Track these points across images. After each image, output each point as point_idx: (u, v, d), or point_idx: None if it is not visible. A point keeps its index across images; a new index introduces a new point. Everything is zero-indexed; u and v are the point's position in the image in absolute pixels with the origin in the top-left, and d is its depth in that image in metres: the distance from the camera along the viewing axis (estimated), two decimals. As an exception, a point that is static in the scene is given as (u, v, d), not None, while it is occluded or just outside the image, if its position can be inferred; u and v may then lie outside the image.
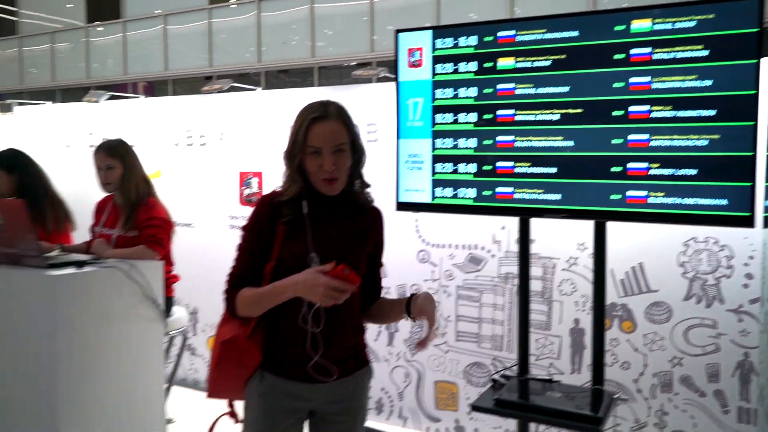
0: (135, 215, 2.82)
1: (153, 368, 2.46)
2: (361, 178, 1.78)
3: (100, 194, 3.03)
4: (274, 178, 3.63)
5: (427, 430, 3.37)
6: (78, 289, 2.12)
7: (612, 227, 2.43)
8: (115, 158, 2.83)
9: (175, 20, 11.92)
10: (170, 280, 2.99)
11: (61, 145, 4.55)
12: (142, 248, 2.66)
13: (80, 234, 3.20)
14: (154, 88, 12.89)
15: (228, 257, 1.78)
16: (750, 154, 1.96)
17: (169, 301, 2.97)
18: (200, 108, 4.07)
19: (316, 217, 1.71)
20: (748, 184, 1.97)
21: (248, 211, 3.88)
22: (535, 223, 2.48)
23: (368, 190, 1.81)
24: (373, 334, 3.47)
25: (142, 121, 4.22)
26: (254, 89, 4.10)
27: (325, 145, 1.64)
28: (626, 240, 2.80)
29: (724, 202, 2.01)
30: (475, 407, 2.20)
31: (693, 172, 2.04)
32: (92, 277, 2.20)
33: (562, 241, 2.97)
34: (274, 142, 3.67)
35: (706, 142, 2.02)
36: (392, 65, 2.59)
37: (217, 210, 3.98)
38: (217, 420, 1.83)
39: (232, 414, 1.83)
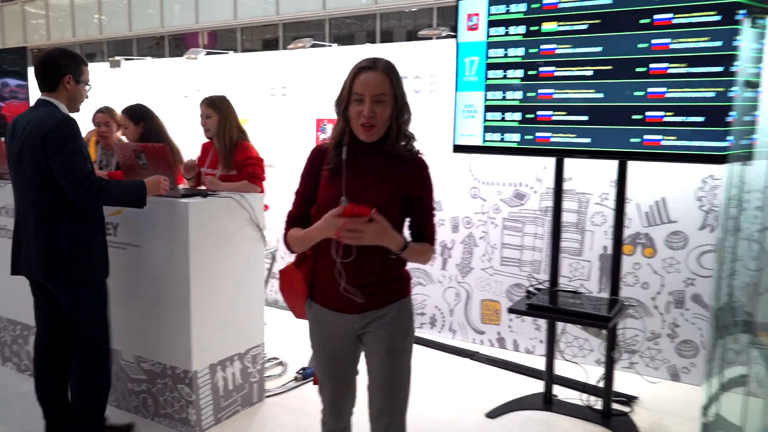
0: (233, 156, 3.37)
1: (257, 279, 3.06)
2: (402, 131, 1.82)
3: (203, 139, 3.63)
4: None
5: (473, 341, 3.96)
6: (205, 213, 2.70)
7: (640, 168, 2.87)
8: (213, 109, 3.38)
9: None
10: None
11: (167, 97, 5.20)
12: (246, 183, 3.24)
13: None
14: (217, 37, 13.36)
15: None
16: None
17: (262, 226, 3.57)
18: (283, 62, 4.61)
19: (355, 163, 1.80)
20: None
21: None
22: (573, 163, 2.93)
23: (414, 143, 1.87)
24: (430, 259, 4.03)
25: (233, 75, 4.81)
26: (330, 45, 4.60)
27: (366, 92, 1.74)
28: (651, 178, 3.24)
29: (725, 143, 2.43)
30: (511, 310, 2.75)
31: (701, 119, 2.45)
32: (214, 204, 2.78)
33: (595, 178, 3.42)
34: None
35: (713, 94, 2.43)
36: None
37: (297, 153, 4.54)
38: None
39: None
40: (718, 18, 2.40)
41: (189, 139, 3.97)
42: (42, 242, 2.39)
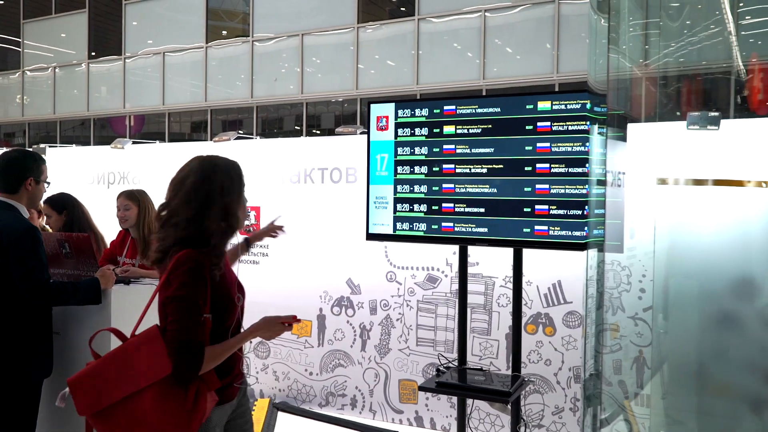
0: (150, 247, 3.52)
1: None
2: None
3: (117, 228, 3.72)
4: (269, 211, 4.38)
5: (392, 420, 4.08)
6: (127, 299, 2.78)
7: (538, 254, 3.18)
8: (132, 201, 3.55)
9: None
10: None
11: (91, 184, 5.26)
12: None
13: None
14: (145, 120, 13.50)
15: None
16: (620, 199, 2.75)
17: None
18: (208, 153, 4.81)
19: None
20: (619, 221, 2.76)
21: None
22: (479, 250, 3.20)
23: None
24: (349, 341, 4.19)
25: (159, 163, 4.96)
26: (254, 138, 4.86)
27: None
28: (548, 263, 3.57)
29: (584, 233, 2.78)
30: (422, 387, 2.93)
31: (579, 212, 2.81)
32: (136, 290, 2.89)
33: (500, 263, 3.73)
34: (269, 181, 4.43)
35: (586, 190, 2.80)
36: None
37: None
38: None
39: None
40: (586, 126, 2.81)
41: (114, 225, 4.06)
42: None
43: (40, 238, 2.48)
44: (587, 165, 2.76)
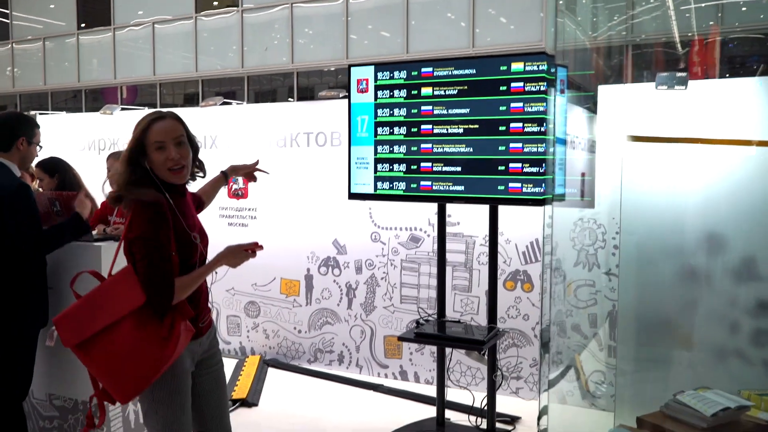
0: None
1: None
2: (202, 167, 2.12)
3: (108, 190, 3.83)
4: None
5: (378, 375, 4.25)
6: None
7: (516, 213, 3.30)
8: None
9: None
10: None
11: (82, 150, 5.35)
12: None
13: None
14: (137, 91, 13.51)
15: (217, 244, 2.16)
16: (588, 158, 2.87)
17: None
18: (195, 118, 4.90)
19: (177, 206, 1.97)
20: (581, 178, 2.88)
21: (237, 203, 4.75)
22: (459, 209, 3.31)
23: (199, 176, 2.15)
24: (336, 299, 4.34)
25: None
26: (240, 103, 4.94)
27: (167, 138, 1.92)
28: (526, 222, 3.70)
29: (573, 190, 2.90)
30: (401, 338, 3.08)
31: (542, 169, 2.93)
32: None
33: (480, 223, 3.85)
34: (256, 146, 4.53)
35: (543, 149, 2.92)
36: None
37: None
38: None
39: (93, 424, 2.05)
40: (546, 87, 2.92)
41: (106, 189, 4.17)
42: None
43: (32, 194, 2.59)
44: (545, 125, 2.87)
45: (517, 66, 2.97)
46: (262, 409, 3.77)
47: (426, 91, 3.16)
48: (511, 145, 2.97)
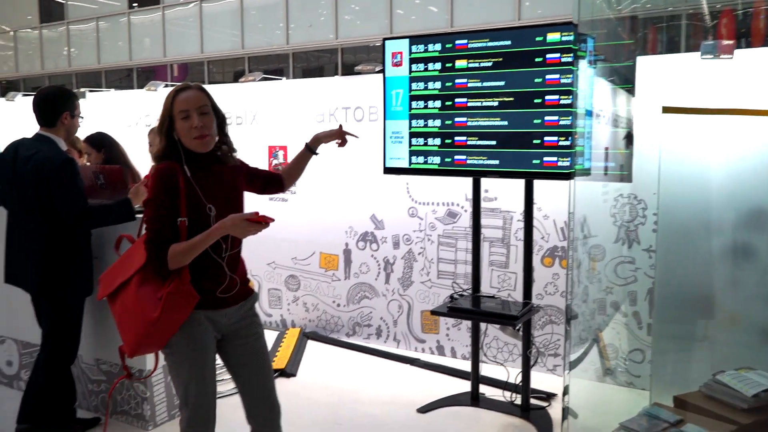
0: None
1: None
2: (227, 141, 2.13)
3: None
4: (295, 151, 4.53)
5: (415, 349, 4.28)
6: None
7: (555, 188, 3.24)
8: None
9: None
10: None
11: (129, 126, 5.51)
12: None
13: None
14: (188, 69, 13.74)
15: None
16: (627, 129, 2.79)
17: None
18: (238, 94, 4.98)
19: (200, 176, 2.02)
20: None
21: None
22: (497, 184, 3.27)
23: (235, 155, 2.18)
24: (374, 274, 4.38)
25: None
26: (280, 79, 4.98)
27: (190, 107, 1.98)
28: (565, 196, 3.62)
29: (612, 164, 2.83)
30: (434, 312, 3.09)
31: (581, 142, 2.86)
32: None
33: (517, 198, 3.80)
34: (295, 121, 4.57)
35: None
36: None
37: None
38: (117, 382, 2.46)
39: (129, 374, 2.19)
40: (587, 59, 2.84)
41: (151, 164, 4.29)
42: (36, 258, 2.70)
43: (77, 168, 2.70)
44: (579, 97, 2.79)
45: (553, 36, 2.89)
46: (300, 379, 3.86)
47: (460, 63, 3.12)
48: (546, 118, 2.91)
